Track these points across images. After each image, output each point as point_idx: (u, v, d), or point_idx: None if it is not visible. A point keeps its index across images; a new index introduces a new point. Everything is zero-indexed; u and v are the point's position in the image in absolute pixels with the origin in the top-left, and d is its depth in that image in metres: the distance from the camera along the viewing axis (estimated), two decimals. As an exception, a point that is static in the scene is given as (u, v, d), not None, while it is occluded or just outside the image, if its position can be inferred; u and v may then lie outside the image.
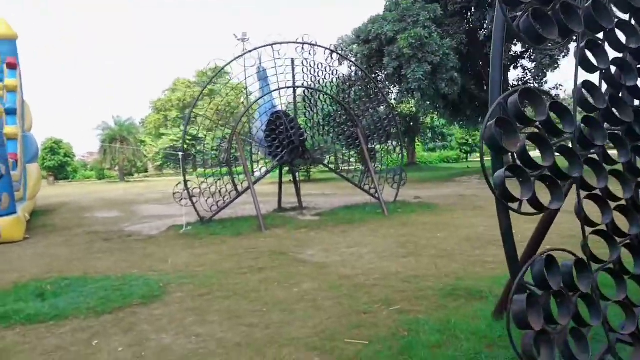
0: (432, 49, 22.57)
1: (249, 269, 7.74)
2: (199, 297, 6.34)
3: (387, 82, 25.94)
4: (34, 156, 19.61)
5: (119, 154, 47.63)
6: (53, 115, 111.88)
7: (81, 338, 5.07)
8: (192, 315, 5.64)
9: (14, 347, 4.90)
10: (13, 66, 16.88)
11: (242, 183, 13.34)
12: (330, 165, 15.91)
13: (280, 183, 15.32)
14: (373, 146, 15.64)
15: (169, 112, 66.43)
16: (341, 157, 20.19)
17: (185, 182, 12.38)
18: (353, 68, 19.46)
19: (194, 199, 12.57)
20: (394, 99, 28.61)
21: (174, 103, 66.14)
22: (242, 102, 16.10)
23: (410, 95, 25.97)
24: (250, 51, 13.15)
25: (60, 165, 54.09)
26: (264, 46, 13.08)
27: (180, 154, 12.56)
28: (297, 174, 16.01)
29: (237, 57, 12.93)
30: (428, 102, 28.08)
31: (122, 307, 6.00)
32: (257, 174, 14.68)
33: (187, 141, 54.69)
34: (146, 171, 68.63)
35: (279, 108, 14.39)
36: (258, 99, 13.98)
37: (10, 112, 15.25)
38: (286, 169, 15.31)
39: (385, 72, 24.49)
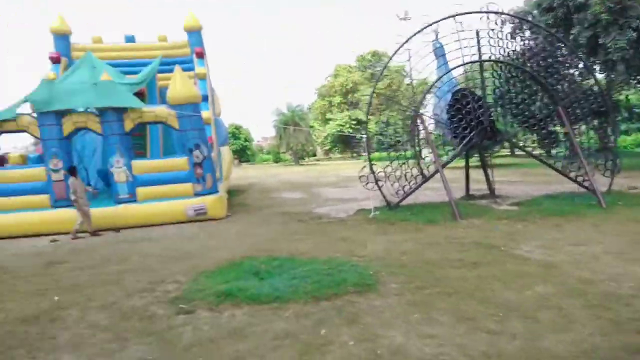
0: (637, 12, 18.95)
1: (460, 262, 7.03)
2: (417, 290, 5.85)
3: (576, 54, 22.60)
4: (225, 139, 21.35)
5: (292, 138, 50.25)
6: (231, 103, 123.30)
7: (306, 325, 4.91)
8: (416, 311, 5.16)
9: (246, 327, 4.92)
10: (201, 55, 18.40)
11: (427, 167, 12.61)
12: (526, 148, 14.13)
13: (467, 168, 14.22)
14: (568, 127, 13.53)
15: (333, 98, 68.25)
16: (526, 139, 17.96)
17: (371, 165, 12.05)
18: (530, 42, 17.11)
19: (380, 183, 12.21)
20: (578, 74, 24.83)
21: (337, 89, 67.69)
22: (409, 84, 15.03)
23: (609, 69, 22.29)
24: (430, 25, 12.09)
25: (241, 149, 59.22)
26: (445, 18, 11.98)
27: (364, 136, 12.25)
28: (485, 158, 14.69)
29: (416, 33, 11.96)
30: (633, 75, 23.82)
31: (338, 294, 5.77)
32: (443, 159, 13.76)
33: (352, 126, 56.04)
34: (314, 155, 71.68)
35: (460, 86, 13.25)
36: (441, 77, 12.89)
37: (203, 98, 16.61)
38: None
39: (574, 43, 21.34)
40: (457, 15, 11.98)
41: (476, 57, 12.62)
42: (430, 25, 12.17)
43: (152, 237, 10.79)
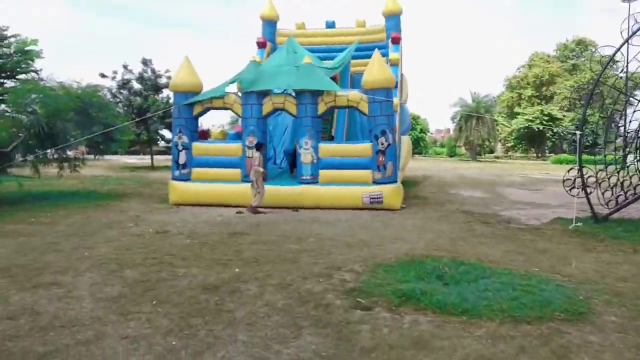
0: None
1: None
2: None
3: None
4: (407, 128, 20.70)
5: (474, 131, 47.55)
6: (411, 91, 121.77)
7: (504, 350, 4.09)
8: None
9: (431, 339, 4.28)
10: (397, 41, 17.87)
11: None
12: None
13: None
14: None
15: (524, 90, 62.74)
16: None
17: (581, 168, 10.29)
18: None
19: (588, 190, 10.40)
20: None
21: (530, 80, 62.00)
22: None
23: None
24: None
25: (415, 140, 58.14)
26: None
27: (578, 133, 10.48)
28: None
29: None
30: None
31: (542, 318, 4.78)
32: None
33: (543, 122, 50.73)
34: (492, 152, 67.16)
35: None
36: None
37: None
38: None
39: None
40: None
41: None
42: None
43: (328, 220, 10.76)
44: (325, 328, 4.50)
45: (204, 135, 15.38)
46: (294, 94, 13.37)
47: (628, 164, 10.65)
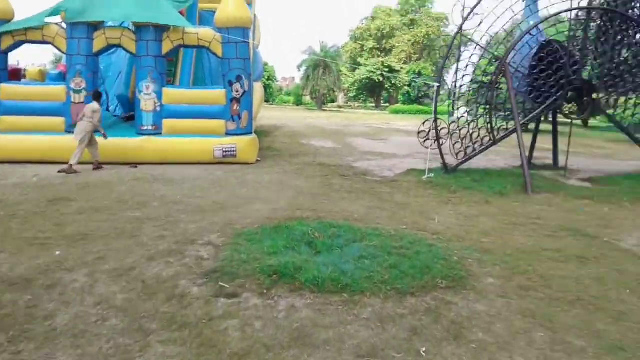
0: None
1: (561, 255, 5.59)
2: (523, 292, 4.47)
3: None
4: (259, 75, 19.56)
5: (321, 81, 47.83)
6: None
7: (397, 336, 3.56)
8: (537, 327, 3.80)
9: (314, 331, 3.58)
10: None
11: (498, 128, 10.97)
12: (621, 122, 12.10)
13: (536, 133, 12.57)
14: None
15: (366, 42, 65.09)
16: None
17: (436, 120, 10.39)
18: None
19: (441, 142, 10.61)
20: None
21: (372, 32, 64.44)
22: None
23: None
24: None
25: (264, 87, 57.03)
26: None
27: (436, 84, 10.50)
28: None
29: None
30: None
31: (426, 288, 4.40)
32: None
33: (383, 73, 53.32)
34: (333, 102, 69.04)
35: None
36: (532, 27, 10.94)
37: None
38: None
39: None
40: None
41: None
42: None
43: (175, 178, 9.43)
44: (181, 330, 3.50)
45: (17, 74, 12.49)
46: (133, 28, 11.29)
47: (458, 117, 11.03)
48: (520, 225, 6.88)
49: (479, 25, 10.68)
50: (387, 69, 52.06)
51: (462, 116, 11.09)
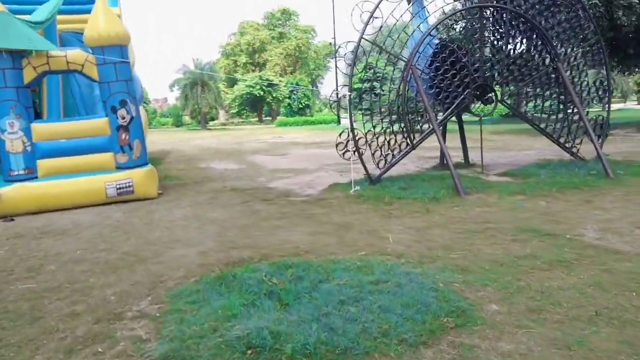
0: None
1: (539, 261, 5.16)
2: (537, 315, 3.87)
3: None
4: (140, 97, 17.71)
5: (202, 99, 45.81)
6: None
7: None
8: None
9: None
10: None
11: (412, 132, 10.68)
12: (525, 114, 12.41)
13: (444, 132, 12.54)
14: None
15: (238, 57, 64.60)
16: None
17: (353, 130, 9.79)
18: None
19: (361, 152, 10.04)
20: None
21: (243, 47, 64.16)
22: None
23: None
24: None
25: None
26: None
27: (348, 94, 9.91)
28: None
29: None
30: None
31: (435, 332, 3.60)
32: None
33: (263, 87, 52.87)
34: (213, 119, 66.94)
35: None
36: (429, 30, 10.79)
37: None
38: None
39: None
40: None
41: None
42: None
43: (66, 228, 7.73)
44: None
45: None
46: None
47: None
48: (476, 233, 6.42)
49: (380, 29, 10.30)
50: (266, 83, 51.75)
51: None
